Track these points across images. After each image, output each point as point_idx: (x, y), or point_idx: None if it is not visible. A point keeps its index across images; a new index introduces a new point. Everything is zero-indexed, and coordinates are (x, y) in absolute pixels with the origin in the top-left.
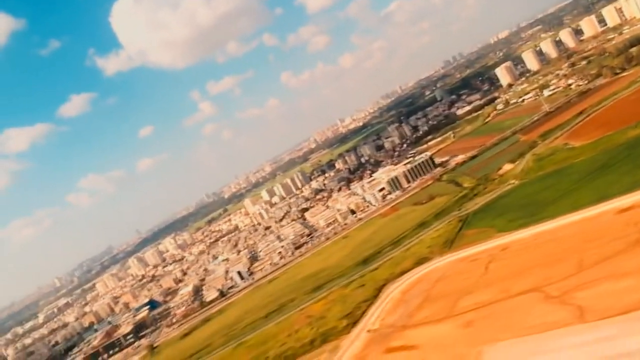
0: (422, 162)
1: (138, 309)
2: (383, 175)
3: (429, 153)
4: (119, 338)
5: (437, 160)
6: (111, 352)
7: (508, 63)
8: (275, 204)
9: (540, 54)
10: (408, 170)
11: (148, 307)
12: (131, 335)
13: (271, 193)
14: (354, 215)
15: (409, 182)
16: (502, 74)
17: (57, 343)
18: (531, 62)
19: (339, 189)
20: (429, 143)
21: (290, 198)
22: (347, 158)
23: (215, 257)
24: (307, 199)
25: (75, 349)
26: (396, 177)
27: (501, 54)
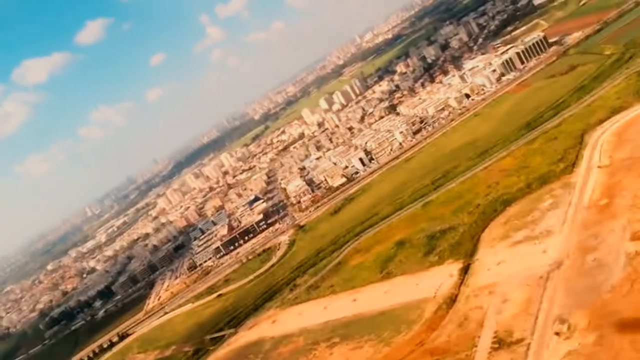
0: (535, 42)
1: (251, 204)
2: (479, 63)
3: (540, 34)
4: (252, 225)
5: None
6: (246, 237)
7: None
8: (339, 110)
9: None
10: (522, 51)
11: (250, 202)
12: (263, 223)
13: (329, 102)
14: (469, 98)
15: (523, 63)
16: None
17: (155, 247)
18: None
19: (422, 85)
20: (513, 33)
21: (356, 103)
22: (408, 61)
23: (305, 157)
24: (381, 100)
25: (195, 243)
26: (509, 59)
27: None
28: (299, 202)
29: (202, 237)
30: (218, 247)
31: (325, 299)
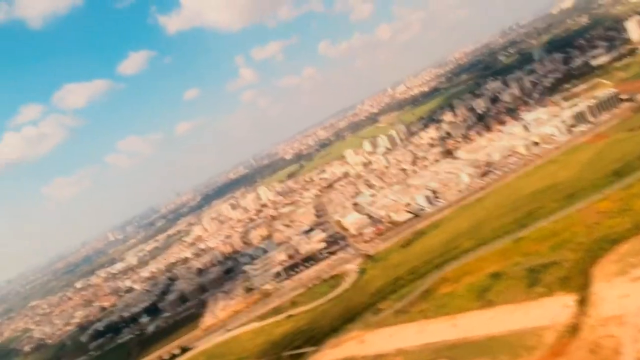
0: (607, 97)
1: (307, 233)
2: (542, 115)
3: (613, 89)
4: (314, 252)
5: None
6: (307, 264)
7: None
8: (385, 153)
9: None
10: (595, 105)
11: (309, 232)
12: (325, 251)
13: (373, 144)
14: (538, 146)
15: (594, 116)
16: (633, 27)
17: (199, 269)
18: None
19: (477, 133)
20: (573, 90)
21: (403, 147)
22: (456, 111)
23: (356, 194)
24: (432, 145)
25: (249, 267)
26: (580, 112)
27: (586, 18)
28: (360, 234)
29: (256, 262)
30: (279, 271)
31: (417, 323)
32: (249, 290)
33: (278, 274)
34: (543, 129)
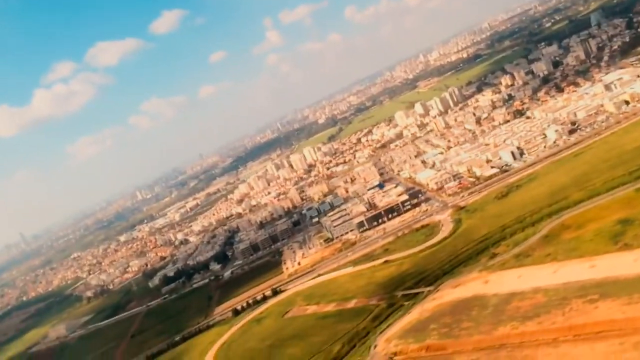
0: None
1: (381, 188)
2: (623, 75)
3: None
4: (397, 204)
5: None
6: (390, 215)
7: None
8: (439, 115)
9: None
10: None
11: (378, 187)
12: (407, 203)
13: (425, 108)
14: (629, 105)
15: None
16: None
17: (261, 222)
18: None
19: (547, 94)
20: None
21: (460, 109)
22: (515, 75)
23: (418, 153)
24: (494, 107)
25: (324, 219)
26: None
27: None
28: (439, 188)
29: (330, 214)
30: (362, 221)
31: (547, 265)
32: (328, 240)
33: (361, 224)
34: (632, 87)
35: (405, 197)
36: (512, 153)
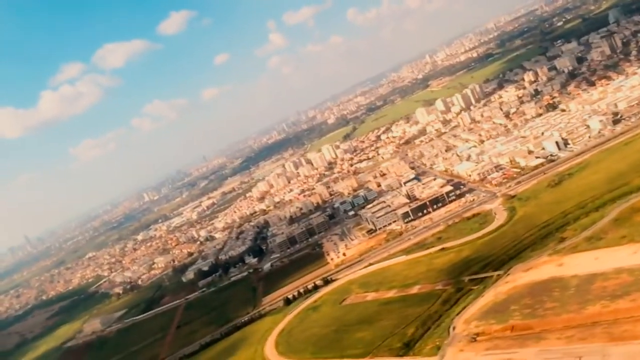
0: None
1: (418, 180)
2: None
3: None
4: (442, 195)
5: None
6: (435, 206)
7: None
8: (460, 112)
9: None
10: None
11: (415, 180)
12: (452, 194)
13: (446, 104)
14: None
15: None
16: None
17: (291, 217)
18: None
19: (578, 87)
20: None
21: (484, 105)
22: (538, 71)
23: (447, 148)
24: (521, 102)
25: (363, 212)
26: None
27: None
28: (483, 179)
29: (369, 206)
30: (407, 212)
31: (625, 246)
32: (370, 231)
33: (406, 215)
34: None
35: (449, 187)
36: (557, 143)
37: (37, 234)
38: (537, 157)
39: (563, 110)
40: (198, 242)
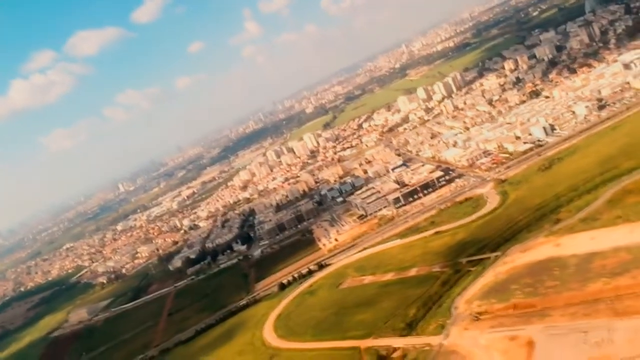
0: None
1: (405, 167)
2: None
3: None
4: (432, 180)
5: None
6: (425, 191)
7: None
8: (443, 100)
9: None
10: None
11: (403, 166)
12: (442, 179)
13: (427, 92)
14: None
15: None
16: None
17: (278, 205)
18: None
19: (559, 75)
20: None
21: (465, 93)
22: (518, 59)
23: (433, 135)
24: (503, 89)
25: (352, 198)
26: None
27: None
28: (471, 165)
29: (358, 192)
30: (397, 197)
31: (620, 226)
32: (361, 217)
33: (397, 200)
34: None
35: (439, 173)
36: (544, 129)
37: (8, 226)
38: (525, 143)
39: (547, 97)
40: (182, 231)
